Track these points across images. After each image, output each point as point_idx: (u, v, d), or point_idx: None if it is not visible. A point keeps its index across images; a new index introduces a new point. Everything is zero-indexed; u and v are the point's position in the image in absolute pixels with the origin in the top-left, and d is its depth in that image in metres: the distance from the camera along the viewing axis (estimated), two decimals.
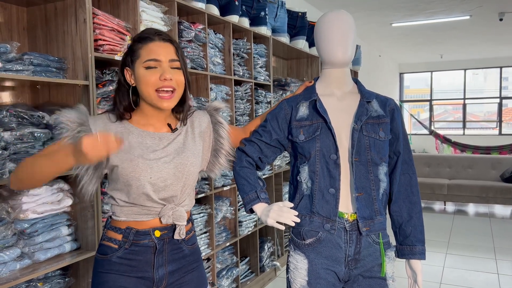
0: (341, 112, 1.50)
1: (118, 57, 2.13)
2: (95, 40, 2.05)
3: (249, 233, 3.46)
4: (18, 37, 2.09)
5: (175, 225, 1.36)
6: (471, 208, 6.78)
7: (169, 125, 1.38)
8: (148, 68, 1.28)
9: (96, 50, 2.05)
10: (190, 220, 1.44)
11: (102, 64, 2.18)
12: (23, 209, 1.76)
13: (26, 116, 1.80)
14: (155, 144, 1.33)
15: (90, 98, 1.99)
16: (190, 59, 2.71)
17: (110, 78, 2.17)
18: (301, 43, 4.29)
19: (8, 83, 1.96)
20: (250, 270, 3.60)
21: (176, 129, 1.38)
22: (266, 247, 3.79)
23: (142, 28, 2.31)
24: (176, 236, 1.35)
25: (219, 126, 1.50)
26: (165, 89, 1.28)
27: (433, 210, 6.59)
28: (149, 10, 2.37)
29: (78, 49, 1.99)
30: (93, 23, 2.03)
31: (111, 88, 2.16)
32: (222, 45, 3.14)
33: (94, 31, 2.03)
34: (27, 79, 1.76)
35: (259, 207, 1.49)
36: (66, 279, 1.97)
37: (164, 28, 2.48)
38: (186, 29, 2.66)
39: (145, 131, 1.34)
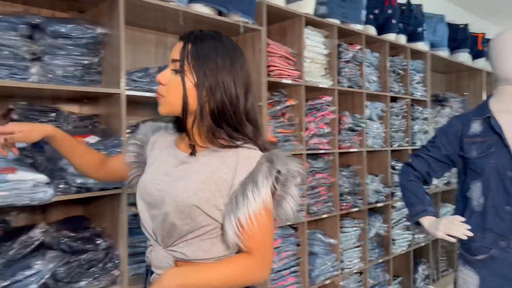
0: None
1: (285, 81, 2.40)
2: (267, 66, 2.35)
3: (403, 252, 3.38)
4: None
5: None
6: None
7: (192, 146, 1.08)
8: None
9: (267, 75, 2.35)
10: None
11: (271, 87, 2.47)
12: None
13: None
14: (170, 162, 1.10)
15: (262, 117, 2.28)
16: (347, 78, 2.85)
17: (278, 99, 2.45)
18: (463, 56, 4.06)
19: None
20: None
21: (193, 153, 1.07)
22: (420, 269, 3.64)
23: (306, 53, 2.55)
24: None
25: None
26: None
27: None
28: (312, 36, 2.60)
29: (254, 74, 2.31)
30: (266, 51, 2.34)
31: (278, 107, 2.45)
32: (378, 63, 3.20)
33: (266, 58, 2.34)
34: None
35: (426, 220, 1.52)
36: None
37: (324, 52, 2.68)
38: (344, 50, 2.81)
39: (175, 148, 1.12)
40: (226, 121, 1.02)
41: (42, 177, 1.48)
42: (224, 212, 1.00)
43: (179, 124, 1.05)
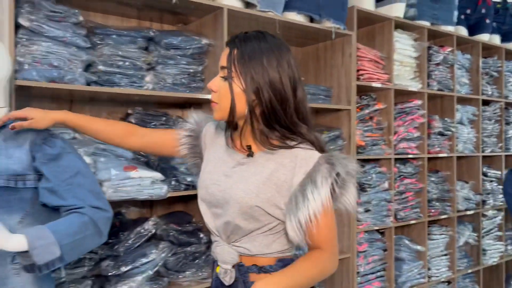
0: None
1: (375, 84, 2.40)
2: (357, 70, 2.37)
3: (494, 264, 3.20)
4: None
5: (238, 264, 1.09)
6: None
7: (248, 147, 1.09)
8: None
9: (357, 79, 2.36)
10: (263, 270, 1.08)
11: (360, 90, 2.48)
12: None
13: None
14: (227, 162, 1.12)
15: (350, 120, 2.31)
16: (437, 81, 2.78)
17: (367, 103, 2.46)
18: None
19: None
20: None
21: (250, 155, 1.09)
22: None
23: (395, 56, 2.52)
24: (222, 279, 1.10)
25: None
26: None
27: None
28: (402, 39, 2.57)
29: (343, 79, 2.34)
30: (356, 55, 2.36)
31: (367, 111, 2.45)
32: (470, 65, 3.07)
33: (356, 62, 2.36)
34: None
35: None
36: None
37: (413, 54, 2.64)
38: (434, 53, 2.74)
39: (231, 148, 1.12)
40: (278, 122, 1.03)
41: (159, 175, 1.65)
42: (284, 211, 1.04)
43: (232, 123, 1.08)
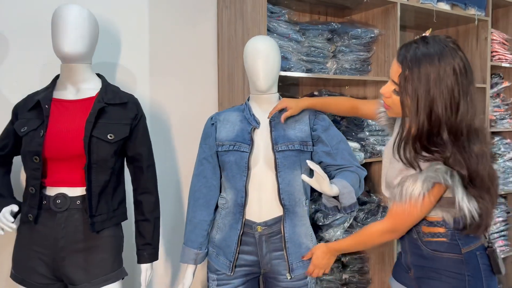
0: None
1: (504, 64, 2.66)
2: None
3: None
4: None
5: None
6: None
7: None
8: None
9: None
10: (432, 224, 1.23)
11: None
12: None
13: None
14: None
15: (485, 98, 2.59)
16: None
17: (496, 82, 2.73)
18: None
19: None
20: None
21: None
22: None
23: None
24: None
25: None
26: None
27: None
28: None
29: (478, 60, 2.61)
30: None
31: (495, 89, 2.73)
32: None
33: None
34: None
35: None
36: None
37: None
38: None
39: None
40: (423, 147, 1.11)
41: (357, 145, 2.01)
42: None
43: None
